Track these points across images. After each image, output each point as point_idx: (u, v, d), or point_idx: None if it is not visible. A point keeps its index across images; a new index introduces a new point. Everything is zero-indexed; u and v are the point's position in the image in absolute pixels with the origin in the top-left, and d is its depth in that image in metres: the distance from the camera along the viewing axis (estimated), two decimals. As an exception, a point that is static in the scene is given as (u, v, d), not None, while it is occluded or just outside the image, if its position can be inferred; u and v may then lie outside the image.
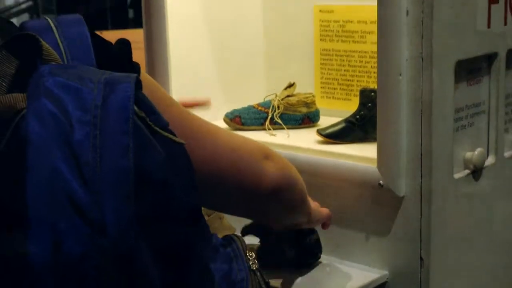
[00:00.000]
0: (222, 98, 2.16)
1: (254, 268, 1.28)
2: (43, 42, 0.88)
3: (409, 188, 1.55)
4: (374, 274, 1.63)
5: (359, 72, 2.04)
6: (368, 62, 2.01)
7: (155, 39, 1.97)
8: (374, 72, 1.86)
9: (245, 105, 2.09)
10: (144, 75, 1.07)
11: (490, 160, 1.73)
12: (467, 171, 1.67)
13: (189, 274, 0.90)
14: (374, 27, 1.58)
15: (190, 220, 0.89)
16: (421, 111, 1.50)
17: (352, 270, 1.65)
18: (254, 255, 1.28)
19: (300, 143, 1.88)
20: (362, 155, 1.69)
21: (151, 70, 1.97)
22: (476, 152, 1.66)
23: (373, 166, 1.58)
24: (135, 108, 0.81)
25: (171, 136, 0.89)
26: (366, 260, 1.66)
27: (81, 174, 0.77)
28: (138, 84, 0.85)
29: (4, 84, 0.86)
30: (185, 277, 0.89)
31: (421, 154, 1.52)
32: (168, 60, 1.97)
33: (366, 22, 1.99)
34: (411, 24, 1.47)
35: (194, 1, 2.10)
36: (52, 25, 0.97)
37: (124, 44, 1.05)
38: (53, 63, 0.86)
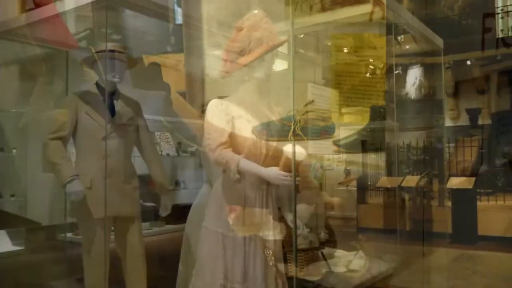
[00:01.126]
0: (251, 113, 2.18)
1: (271, 264, 1.29)
2: (85, 67, 0.93)
3: (413, 191, 1.57)
4: (382, 266, 1.65)
5: (370, 91, 2.06)
6: (377, 83, 2.02)
7: (193, 62, 2.01)
8: (382, 91, 1.89)
9: (271, 119, 2.11)
10: (173, 94, 1.10)
11: (483, 168, 1.74)
12: (464, 178, 1.68)
13: None
14: (383, 52, 1.61)
15: None
16: (424, 126, 1.52)
17: (362, 262, 1.67)
18: (271, 252, 1.29)
19: (318, 152, 1.90)
20: (372, 162, 1.71)
21: (190, 89, 2.00)
22: (471, 161, 1.68)
23: (382, 173, 1.60)
24: (165, 122, 0.86)
25: (194, 144, 0.93)
26: (375, 254, 1.67)
27: None
28: (168, 101, 0.89)
29: (51, 104, 0.91)
30: None
31: (424, 163, 1.54)
32: (204, 80, 2.01)
33: (376, 48, 2.01)
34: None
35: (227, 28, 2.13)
36: (93, 51, 1.01)
37: (156, 67, 1.08)
38: (93, 83, 0.91)
